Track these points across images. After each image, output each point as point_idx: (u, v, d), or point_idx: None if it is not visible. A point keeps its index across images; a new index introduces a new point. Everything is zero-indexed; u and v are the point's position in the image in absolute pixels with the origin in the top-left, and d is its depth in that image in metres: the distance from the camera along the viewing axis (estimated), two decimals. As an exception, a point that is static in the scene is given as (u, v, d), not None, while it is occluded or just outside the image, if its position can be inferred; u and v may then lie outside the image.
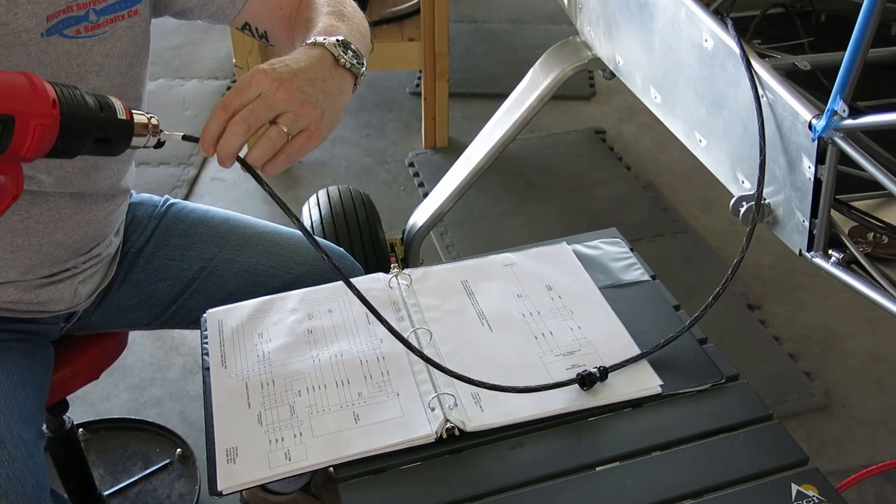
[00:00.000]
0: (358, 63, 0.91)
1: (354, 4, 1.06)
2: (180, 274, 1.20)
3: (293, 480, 1.44)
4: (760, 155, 1.05)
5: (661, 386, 0.94)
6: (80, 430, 1.72)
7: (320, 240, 1.28)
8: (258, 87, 0.82)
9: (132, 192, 1.25)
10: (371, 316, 1.03)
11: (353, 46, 0.92)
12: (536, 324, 1.03)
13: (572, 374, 0.95)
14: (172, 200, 1.27)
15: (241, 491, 0.85)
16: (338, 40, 0.90)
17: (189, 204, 1.28)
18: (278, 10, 1.07)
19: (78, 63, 0.97)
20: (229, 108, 0.82)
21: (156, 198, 1.28)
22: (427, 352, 0.98)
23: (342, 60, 0.90)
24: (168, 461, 1.69)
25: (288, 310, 1.06)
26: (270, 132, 0.84)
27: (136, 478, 1.65)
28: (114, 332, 1.28)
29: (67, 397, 1.31)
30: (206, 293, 1.20)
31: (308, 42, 0.90)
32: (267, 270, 1.19)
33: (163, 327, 1.27)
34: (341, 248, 1.28)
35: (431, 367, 0.96)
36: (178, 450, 1.70)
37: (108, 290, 1.20)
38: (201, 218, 1.25)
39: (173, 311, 1.22)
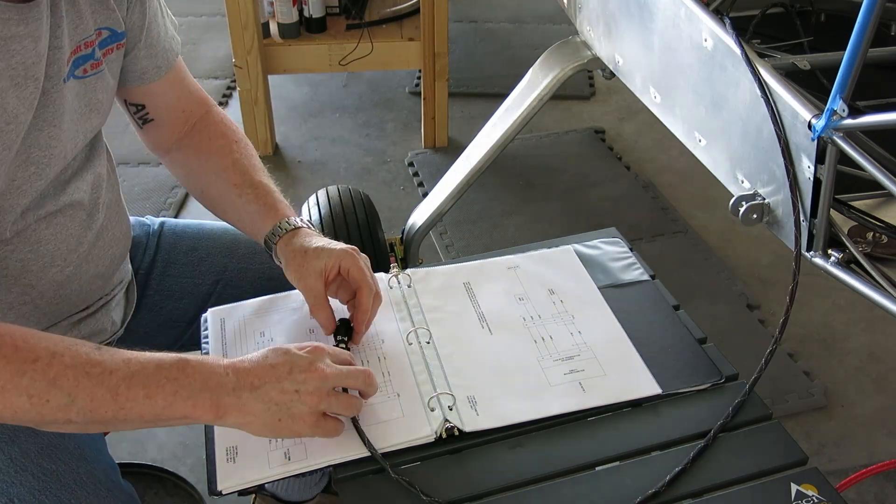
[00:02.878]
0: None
1: (251, 146, 1.17)
2: (195, 290, 1.18)
3: (312, 485, 1.43)
4: (784, 161, 1.05)
5: (660, 386, 0.94)
6: None
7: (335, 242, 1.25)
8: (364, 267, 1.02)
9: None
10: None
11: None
12: (537, 328, 1.02)
13: (570, 380, 0.95)
14: (161, 219, 1.25)
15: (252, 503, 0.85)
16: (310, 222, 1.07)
17: (179, 221, 1.25)
18: (180, 113, 1.14)
19: (85, 102, 0.96)
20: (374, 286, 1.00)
21: (139, 218, 1.25)
22: (426, 353, 0.98)
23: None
24: None
25: (290, 309, 1.06)
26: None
27: None
28: None
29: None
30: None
31: (292, 225, 1.04)
32: (281, 273, 1.17)
33: (184, 349, 1.23)
34: (359, 252, 1.26)
35: (431, 368, 0.96)
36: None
37: (127, 317, 1.18)
38: (199, 231, 1.23)
39: (195, 329, 1.19)
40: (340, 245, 1.01)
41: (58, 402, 0.76)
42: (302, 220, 1.05)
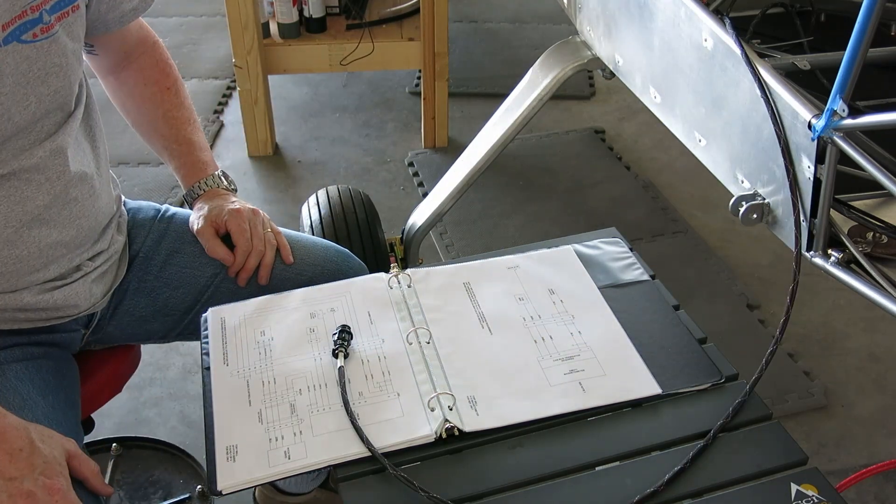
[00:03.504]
0: (234, 185, 1.28)
1: (183, 86, 1.30)
2: (193, 281, 1.20)
3: (310, 479, 1.44)
4: (784, 161, 1.05)
5: (660, 386, 0.94)
6: (114, 445, 1.69)
7: (321, 240, 1.29)
8: (246, 225, 1.18)
9: (126, 199, 1.25)
10: (374, 315, 1.04)
11: (228, 175, 1.28)
12: (537, 327, 1.02)
13: (570, 380, 0.95)
14: (176, 209, 1.28)
15: (253, 495, 0.86)
16: (222, 176, 1.26)
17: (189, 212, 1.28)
18: (122, 49, 1.24)
19: (39, 66, 0.98)
20: (249, 245, 1.17)
21: (154, 204, 1.28)
22: (426, 353, 0.98)
23: (231, 188, 1.27)
24: (187, 496, 1.62)
25: (290, 308, 1.06)
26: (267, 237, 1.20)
27: None
28: (129, 346, 1.27)
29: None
30: (220, 300, 1.17)
31: (209, 186, 1.24)
32: (280, 273, 1.20)
33: (180, 338, 1.25)
34: (346, 249, 1.28)
35: (431, 368, 0.96)
36: (200, 486, 1.62)
37: (123, 297, 1.19)
38: None
39: (189, 320, 1.21)
40: (237, 205, 1.21)
41: None
42: (217, 176, 1.25)
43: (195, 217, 1.21)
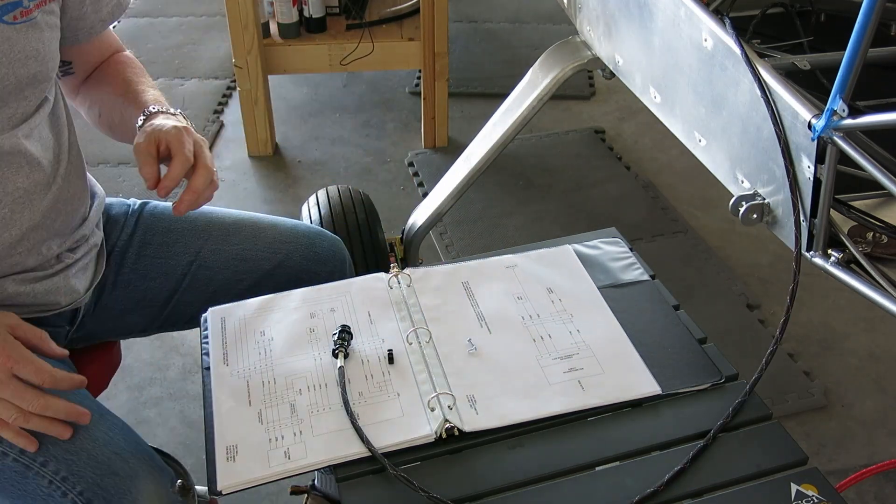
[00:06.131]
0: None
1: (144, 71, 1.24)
2: (169, 271, 1.21)
3: None
4: (784, 161, 1.05)
5: (660, 386, 0.94)
6: None
7: (291, 220, 1.30)
8: (189, 143, 1.04)
9: (105, 196, 1.25)
10: (374, 315, 1.04)
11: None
12: (536, 327, 1.02)
13: (569, 378, 0.95)
14: (144, 200, 1.29)
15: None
16: (181, 113, 1.13)
17: (160, 203, 1.28)
18: (95, 63, 1.21)
19: (19, 49, 0.98)
20: (189, 157, 1.03)
21: (124, 200, 1.29)
22: (426, 352, 0.98)
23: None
24: None
25: (290, 308, 1.06)
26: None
27: None
28: (110, 343, 1.28)
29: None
30: (198, 287, 1.21)
31: (169, 111, 1.11)
32: (255, 255, 1.22)
33: (160, 330, 1.27)
34: (319, 227, 1.30)
35: (431, 368, 0.96)
36: (179, 481, 1.62)
37: (101, 293, 1.20)
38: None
39: (169, 310, 1.23)
40: (176, 123, 1.07)
41: None
42: (160, 107, 1.12)
43: (137, 137, 1.10)
